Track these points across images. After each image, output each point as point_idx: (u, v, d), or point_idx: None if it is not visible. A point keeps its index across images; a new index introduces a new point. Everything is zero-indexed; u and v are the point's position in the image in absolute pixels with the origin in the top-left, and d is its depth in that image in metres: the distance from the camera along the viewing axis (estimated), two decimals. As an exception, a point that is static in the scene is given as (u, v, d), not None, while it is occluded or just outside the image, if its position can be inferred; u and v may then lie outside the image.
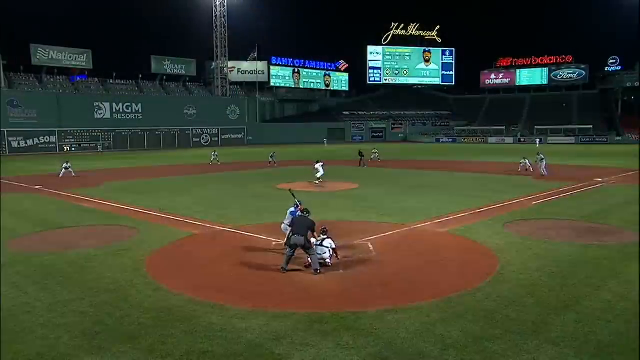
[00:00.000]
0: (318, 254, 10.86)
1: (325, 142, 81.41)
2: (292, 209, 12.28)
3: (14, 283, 10.23)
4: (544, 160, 30.26)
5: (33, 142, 66.73)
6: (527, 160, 32.31)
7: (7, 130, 64.29)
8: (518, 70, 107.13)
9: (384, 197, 21.91)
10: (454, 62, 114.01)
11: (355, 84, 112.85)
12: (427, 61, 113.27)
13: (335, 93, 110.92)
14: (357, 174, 31.87)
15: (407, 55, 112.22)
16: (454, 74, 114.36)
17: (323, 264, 10.87)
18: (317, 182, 26.56)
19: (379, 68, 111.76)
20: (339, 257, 11.32)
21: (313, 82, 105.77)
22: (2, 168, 37.29)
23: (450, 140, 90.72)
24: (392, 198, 21.52)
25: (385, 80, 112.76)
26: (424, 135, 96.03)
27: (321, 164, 27.37)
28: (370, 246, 12.84)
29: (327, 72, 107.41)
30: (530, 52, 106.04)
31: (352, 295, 9.33)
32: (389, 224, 15.80)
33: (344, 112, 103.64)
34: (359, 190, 24.17)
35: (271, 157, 40.79)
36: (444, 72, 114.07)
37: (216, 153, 43.65)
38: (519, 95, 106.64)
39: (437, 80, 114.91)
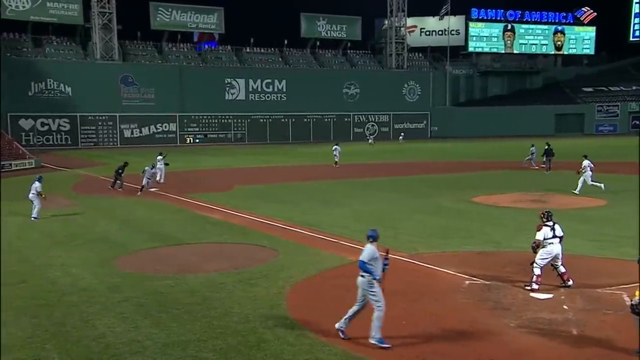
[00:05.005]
0: None
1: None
2: None
3: (121, 313, 11.44)
4: None
5: (149, 130, 74.37)
6: None
7: (118, 115, 72.12)
8: None
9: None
10: None
11: (605, 44, 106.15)
12: None
13: (569, 59, 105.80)
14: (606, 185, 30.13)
15: None
16: None
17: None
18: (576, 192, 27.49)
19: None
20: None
21: (535, 45, 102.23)
22: (112, 164, 41.86)
23: None
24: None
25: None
26: None
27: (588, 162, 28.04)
28: (627, 299, 12.00)
29: (560, 28, 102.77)
30: None
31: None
32: (658, 264, 14.65)
33: (584, 89, 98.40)
34: (607, 210, 23.05)
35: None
36: None
37: (338, 149, 43.74)
38: None
39: None
